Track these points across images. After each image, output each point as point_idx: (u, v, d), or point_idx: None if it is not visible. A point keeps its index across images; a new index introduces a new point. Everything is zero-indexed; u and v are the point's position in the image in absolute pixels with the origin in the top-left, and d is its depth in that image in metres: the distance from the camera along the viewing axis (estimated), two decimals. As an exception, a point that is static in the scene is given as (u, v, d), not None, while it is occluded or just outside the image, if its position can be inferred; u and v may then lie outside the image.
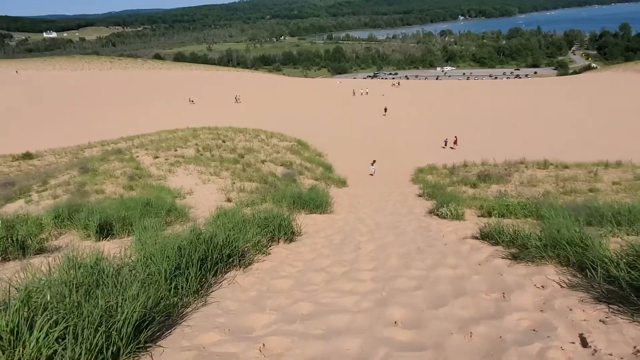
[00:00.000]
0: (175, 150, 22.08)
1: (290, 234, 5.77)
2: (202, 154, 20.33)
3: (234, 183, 14.05)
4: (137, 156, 20.85)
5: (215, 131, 29.25)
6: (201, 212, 9.74)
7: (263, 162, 19.35)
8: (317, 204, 8.84)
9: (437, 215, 8.30)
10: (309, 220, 7.89)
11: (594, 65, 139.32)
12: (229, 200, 11.22)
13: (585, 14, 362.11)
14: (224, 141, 25.75)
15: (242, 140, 26.96)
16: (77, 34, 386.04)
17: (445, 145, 31.96)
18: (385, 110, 47.17)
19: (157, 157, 19.54)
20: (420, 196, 12.75)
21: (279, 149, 25.09)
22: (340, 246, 5.70)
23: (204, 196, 12.06)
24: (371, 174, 24.25)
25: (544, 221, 6.63)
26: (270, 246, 5.30)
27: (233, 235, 4.26)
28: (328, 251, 5.35)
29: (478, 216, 8.86)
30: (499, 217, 8.32)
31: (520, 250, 4.67)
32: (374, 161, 25.01)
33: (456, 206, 8.13)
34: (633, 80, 66.77)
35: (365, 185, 19.32)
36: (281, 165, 19.08)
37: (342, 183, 16.94)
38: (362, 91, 65.65)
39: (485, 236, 5.70)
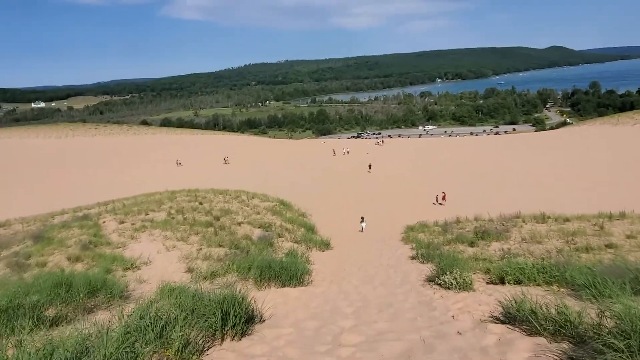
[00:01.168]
0: (147, 214, 20.37)
1: (242, 325, 4.10)
2: (173, 217, 18.63)
3: (200, 249, 12.34)
4: (104, 222, 19.09)
5: (194, 193, 27.75)
6: (152, 288, 8.00)
7: (240, 224, 17.68)
8: (291, 273, 7.18)
9: (439, 284, 6.70)
10: (278, 296, 6.22)
11: (569, 121, 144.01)
12: (189, 270, 9.49)
13: (555, 75, 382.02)
14: (200, 203, 24.16)
15: (221, 201, 25.41)
16: (65, 103, 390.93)
17: (437, 201, 30.80)
18: (370, 166, 46.57)
19: (123, 222, 17.79)
20: (414, 258, 11.16)
21: (259, 210, 23.51)
22: (312, 341, 4.05)
23: (163, 266, 10.32)
24: (361, 231, 23.15)
25: (584, 293, 5.11)
26: (209, 347, 3.65)
27: (129, 342, 2.62)
28: (294, 352, 3.69)
29: (487, 283, 7.30)
30: (514, 284, 6.77)
31: (579, 346, 3.12)
32: (363, 218, 23.86)
33: (461, 272, 6.56)
34: (611, 133, 68.31)
35: (351, 246, 17.65)
36: (259, 227, 17.42)
37: (325, 245, 15.26)
38: (344, 150, 65.07)
39: (512, 318, 4.13)
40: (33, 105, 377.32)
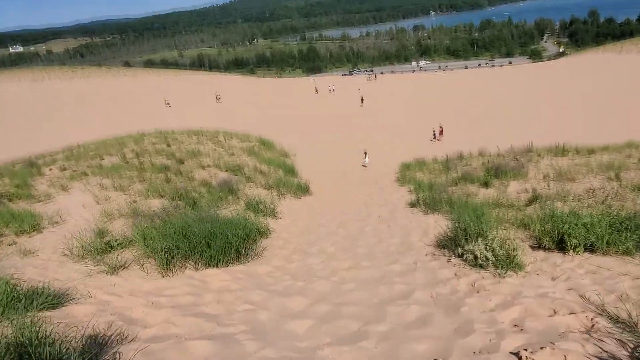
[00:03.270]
0: (102, 159, 17.57)
1: None
2: (127, 162, 15.78)
3: (135, 202, 9.66)
4: (51, 169, 16.27)
5: (164, 135, 24.71)
6: (37, 263, 5.34)
7: (204, 167, 14.93)
8: (224, 243, 4.46)
9: (463, 258, 4.04)
10: (188, 290, 3.55)
11: (567, 52, 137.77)
12: (100, 234, 6.88)
13: (552, 4, 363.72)
14: (168, 145, 21.26)
15: (193, 142, 22.51)
16: (44, 46, 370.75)
17: (435, 137, 27.94)
18: (362, 100, 43.33)
19: (64, 170, 14.98)
20: (414, 206, 8.54)
21: (234, 151, 20.68)
22: None
23: (74, 227, 7.71)
24: (364, 166, 21.93)
25: None
26: None
27: None
28: None
29: (531, 247, 4.68)
30: (584, 251, 4.15)
31: None
32: (366, 153, 22.40)
33: (502, 239, 3.88)
34: (616, 61, 64.50)
35: (337, 189, 15.04)
36: (227, 170, 14.68)
37: (303, 190, 12.56)
38: (329, 88, 59.29)
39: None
40: (11, 49, 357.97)
